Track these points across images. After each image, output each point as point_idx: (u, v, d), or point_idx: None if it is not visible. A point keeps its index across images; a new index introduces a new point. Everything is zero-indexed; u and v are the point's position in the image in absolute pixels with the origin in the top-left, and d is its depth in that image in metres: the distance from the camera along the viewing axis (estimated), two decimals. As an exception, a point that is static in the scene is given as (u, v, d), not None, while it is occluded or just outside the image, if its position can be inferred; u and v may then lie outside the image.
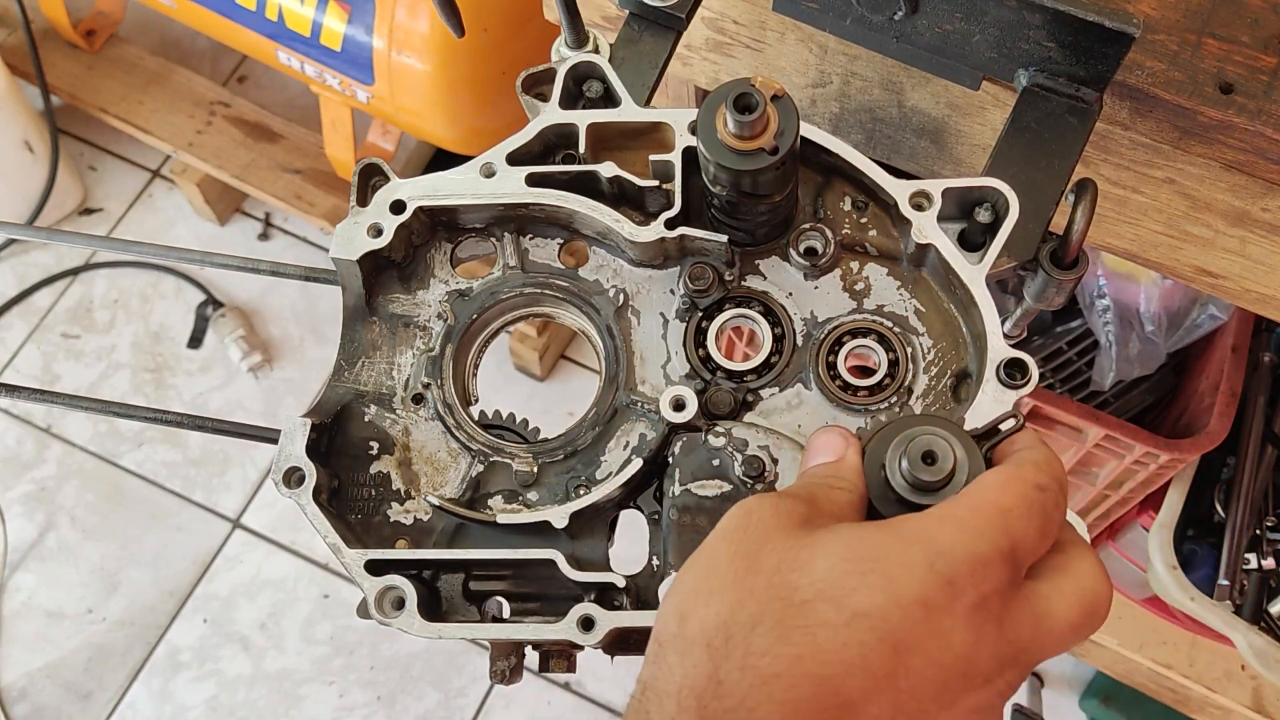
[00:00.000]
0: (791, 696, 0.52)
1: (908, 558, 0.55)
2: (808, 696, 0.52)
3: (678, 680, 0.55)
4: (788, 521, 0.59)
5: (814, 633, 0.53)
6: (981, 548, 0.56)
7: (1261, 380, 1.73)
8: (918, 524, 0.58)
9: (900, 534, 0.57)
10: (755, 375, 0.77)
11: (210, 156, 2.50)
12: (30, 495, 2.50)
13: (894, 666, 0.53)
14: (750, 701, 0.52)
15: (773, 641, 0.53)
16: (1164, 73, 0.83)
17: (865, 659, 0.53)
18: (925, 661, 0.54)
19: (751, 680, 0.53)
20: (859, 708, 0.53)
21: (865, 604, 0.54)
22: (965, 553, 0.55)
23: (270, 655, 2.37)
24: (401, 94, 2.03)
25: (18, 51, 2.58)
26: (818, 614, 0.54)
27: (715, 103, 0.70)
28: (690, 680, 0.54)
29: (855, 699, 0.53)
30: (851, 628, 0.53)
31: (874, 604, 0.54)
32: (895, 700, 0.53)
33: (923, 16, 0.82)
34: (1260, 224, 0.90)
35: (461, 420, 0.79)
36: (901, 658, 0.53)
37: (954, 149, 0.98)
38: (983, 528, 0.57)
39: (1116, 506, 1.72)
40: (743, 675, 0.53)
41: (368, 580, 0.72)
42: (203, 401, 2.58)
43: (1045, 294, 0.79)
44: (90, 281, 2.71)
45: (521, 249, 0.82)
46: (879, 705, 0.53)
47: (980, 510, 0.58)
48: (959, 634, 0.54)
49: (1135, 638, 1.93)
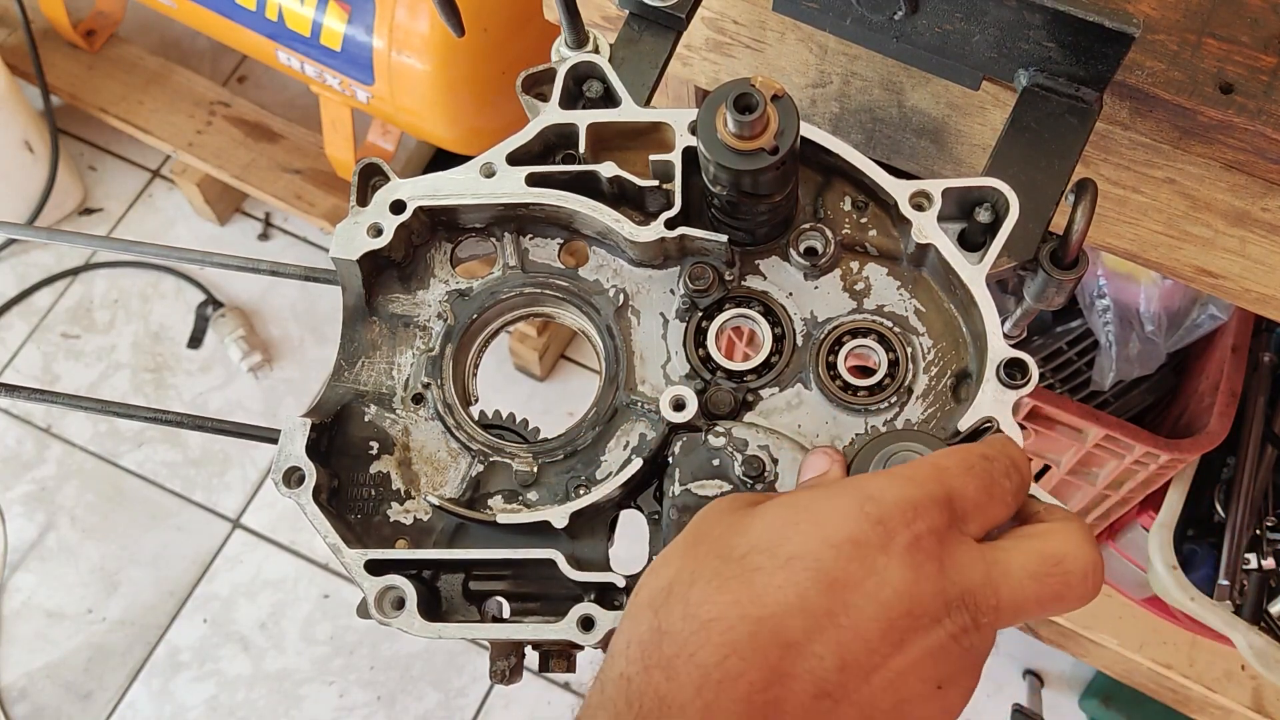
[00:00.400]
0: (730, 638, 0.53)
1: (838, 503, 0.57)
2: (746, 636, 0.53)
3: (625, 638, 0.57)
4: (739, 504, 0.61)
5: (749, 579, 0.55)
6: (911, 492, 0.57)
7: (1261, 380, 1.73)
8: (853, 480, 0.61)
9: (834, 488, 0.59)
10: (755, 375, 0.77)
11: (210, 156, 2.50)
12: (30, 495, 2.50)
13: (832, 604, 0.54)
14: (691, 646, 0.54)
15: (711, 591, 0.55)
16: (1164, 73, 0.83)
17: (802, 598, 0.54)
18: (864, 598, 0.54)
19: (692, 627, 0.54)
20: (802, 647, 0.53)
21: (798, 548, 0.55)
22: (895, 496, 0.57)
23: (270, 655, 2.37)
24: (401, 94, 2.03)
25: (18, 51, 2.58)
26: (753, 562, 0.56)
27: (715, 103, 0.70)
28: (636, 636, 0.56)
29: (798, 639, 0.53)
30: (786, 570, 0.55)
31: (806, 547, 0.55)
32: (839, 638, 0.53)
33: (923, 16, 0.82)
34: (1260, 224, 0.90)
35: (461, 420, 0.79)
36: (839, 594, 0.54)
37: (954, 149, 0.98)
38: (916, 477, 0.59)
39: (1116, 506, 1.72)
40: (684, 624, 0.55)
41: (368, 580, 0.72)
42: (203, 401, 2.58)
43: (1045, 294, 0.79)
44: (90, 281, 2.71)
45: (521, 249, 0.82)
46: (822, 644, 0.53)
47: (916, 466, 0.60)
48: (895, 570, 0.55)
49: (1135, 638, 1.93)
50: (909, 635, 0.54)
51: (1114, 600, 1.94)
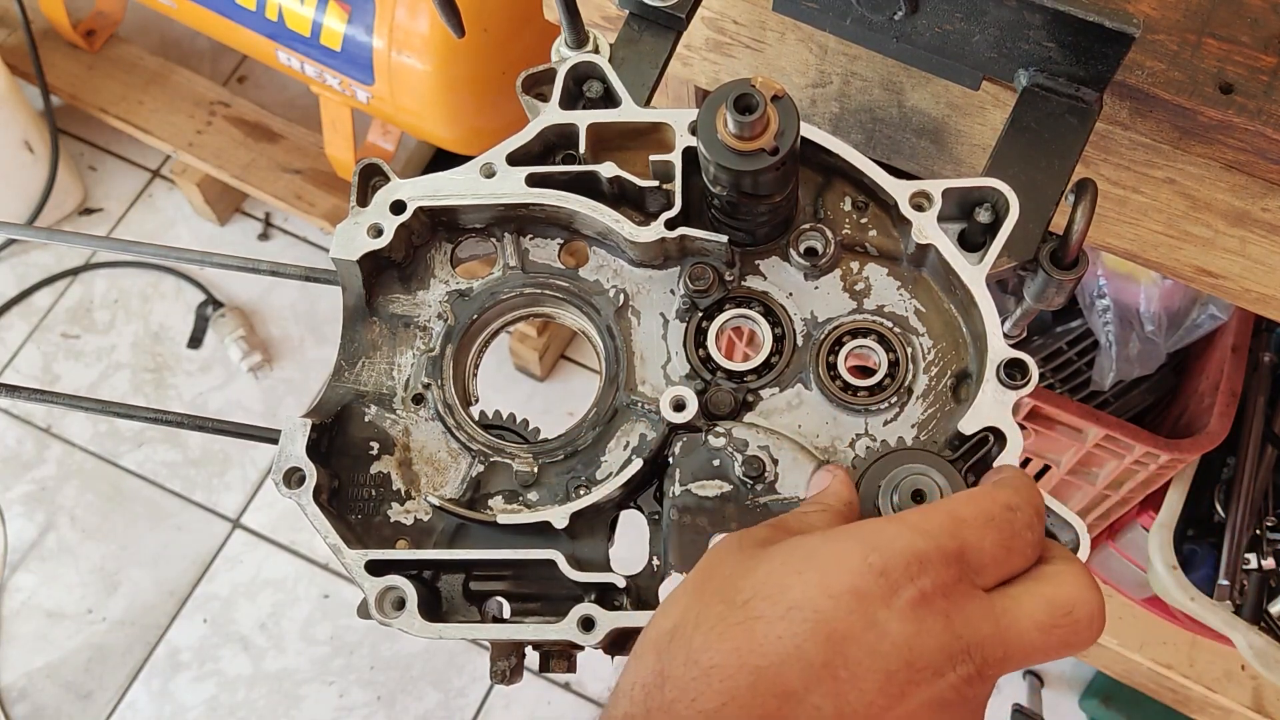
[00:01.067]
0: (730, 686, 0.54)
1: (843, 552, 0.57)
2: (746, 686, 0.54)
3: (631, 679, 0.57)
4: (748, 543, 0.61)
5: (751, 627, 0.55)
6: (920, 545, 0.56)
7: (1261, 380, 1.73)
8: (862, 526, 0.59)
9: (841, 534, 0.59)
10: (755, 375, 0.77)
11: (210, 156, 2.50)
12: (30, 495, 2.50)
13: (830, 656, 0.54)
14: (692, 692, 0.54)
15: (713, 638, 0.55)
16: (1164, 73, 0.83)
17: (800, 649, 0.54)
18: (863, 651, 0.54)
19: (693, 673, 0.55)
20: (800, 698, 0.53)
21: (799, 597, 0.55)
22: (903, 547, 0.56)
23: (270, 655, 2.37)
24: (401, 94, 2.03)
25: (18, 51, 2.58)
26: (755, 610, 0.56)
27: (715, 103, 0.70)
28: (641, 678, 0.57)
29: (796, 689, 0.53)
30: (786, 620, 0.55)
31: (807, 596, 0.55)
32: (836, 690, 0.53)
33: (923, 16, 0.82)
34: (1260, 224, 0.90)
35: (462, 420, 0.79)
36: (837, 647, 0.54)
37: (954, 149, 0.98)
38: (928, 529, 0.57)
39: (1116, 506, 1.72)
40: (686, 669, 0.55)
41: (368, 580, 0.72)
42: (203, 401, 2.58)
43: (1045, 294, 0.79)
44: (90, 281, 2.71)
45: (521, 249, 0.82)
46: (820, 695, 0.53)
47: (930, 515, 0.59)
48: (895, 624, 0.54)
49: (1135, 638, 1.93)
50: (909, 688, 0.54)
51: (1114, 600, 1.94)
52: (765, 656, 0.54)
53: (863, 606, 0.55)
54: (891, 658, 0.54)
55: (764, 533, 0.62)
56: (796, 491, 0.72)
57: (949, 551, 0.57)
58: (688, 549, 0.71)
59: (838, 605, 0.55)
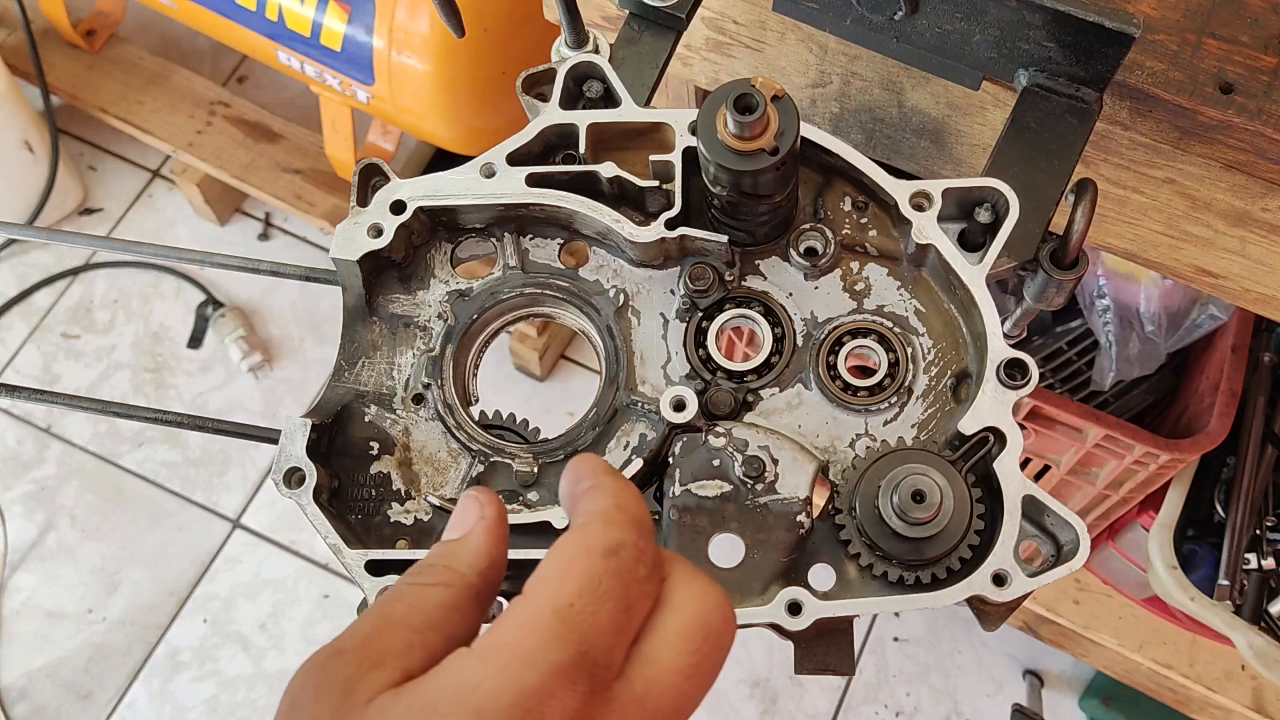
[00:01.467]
0: None
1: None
2: None
3: None
4: (326, 693, 0.48)
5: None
6: (529, 680, 0.45)
7: (1261, 380, 1.73)
8: (456, 677, 0.47)
9: (440, 709, 0.46)
10: (755, 375, 0.77)
11: (210, 156, 2.50)
12: (30, 495, 2.50)
13: None
14: None
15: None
16: (1164, 73, 0.83)
17: None
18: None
19: None
20: None
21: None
22: (510, 699, 0.45)
23: (270, 655, 2.37)
24: (401, 94, 2.03)
25: (18, 51, 2.58)
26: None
27: (715, 103, 0.70)
28: None
29: None
30: None
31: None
32: None
33: (923, 16, 0.82)
34: (1260, 224, 0.90)
35: (462, 420, 0.79)
36: None
37: (954, 149, 0.98)
38: (533, 650, 0.46)
39: (1116, 506, 1.72)
40: None
41: (368, 580, 0.72)
42: (203, 401, 2.58)
43: (1045, 294, 0.79)
44: (90, 281, 2.71)
45: (521, 249, 0.82)
46: None
47: (529, 625, 0.48)
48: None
49: (1135, 638, 1.93)
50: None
51: (1114, 600, 1.95)
52: None
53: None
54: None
55: (344, 669, 0.48)
56: (796, 491, 0.72)
57: (566, 667, 0.46)
58: (687, 549, 0.71)
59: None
